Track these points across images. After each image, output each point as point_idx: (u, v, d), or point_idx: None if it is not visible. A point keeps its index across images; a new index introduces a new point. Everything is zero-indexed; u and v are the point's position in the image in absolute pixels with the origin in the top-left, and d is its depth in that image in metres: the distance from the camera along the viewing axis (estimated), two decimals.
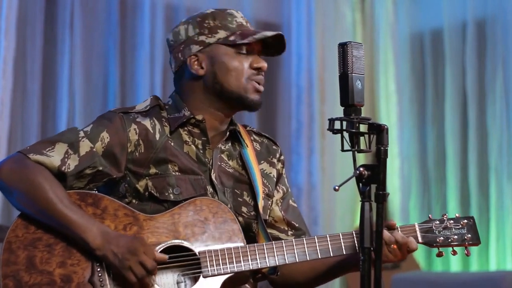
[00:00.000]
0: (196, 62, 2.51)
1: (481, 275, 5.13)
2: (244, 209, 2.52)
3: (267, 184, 2.59)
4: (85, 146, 2.42)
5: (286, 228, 2.61)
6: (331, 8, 5.80)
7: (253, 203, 2.54)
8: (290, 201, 2.64)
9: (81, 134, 2.44)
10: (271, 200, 2.60)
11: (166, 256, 2.34)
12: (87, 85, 4.91)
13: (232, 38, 2.50)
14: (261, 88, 2.52)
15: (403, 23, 5.90)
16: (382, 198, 2.09)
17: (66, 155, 2.40)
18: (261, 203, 2.53)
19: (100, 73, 4.99)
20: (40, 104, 4.76)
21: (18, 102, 4.66)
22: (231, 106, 2.53)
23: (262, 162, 2.62)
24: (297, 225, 2.61)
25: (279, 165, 2.65)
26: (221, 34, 2.50)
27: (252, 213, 2.53)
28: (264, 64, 2.50)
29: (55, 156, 2.39)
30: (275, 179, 2.63)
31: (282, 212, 2.61)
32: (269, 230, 2.54)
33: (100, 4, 4.99)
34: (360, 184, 2.12)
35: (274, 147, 2.68)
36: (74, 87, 4.86)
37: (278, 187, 2.63)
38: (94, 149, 2.42)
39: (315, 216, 5.47)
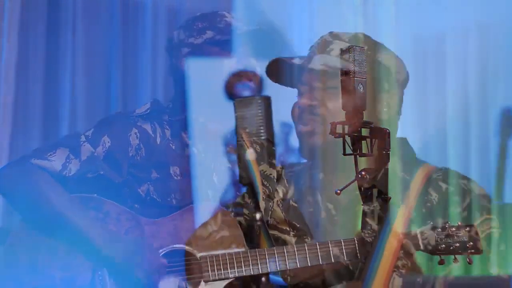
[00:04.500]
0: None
1: (483, 279, 5.10)
2: (245, 211, 2.52)
3: (267, 185, 2.59)
4: (86, 150, 2.42)
5: (288, 229, 2.61)
6: (333, 12, 5.80)
7: (254, 205, 2.54)
8: (291, 201, 2.65)
9: (82, 138, 2.45)
10: (272, 202, 2.60)
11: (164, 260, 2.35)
12: (89, 89, 4.91)
13: (217, 37, 2.49)
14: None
15: (405, 27, 5.88)
16: (384, 202, 2.09)
17: (68, 160, 2.41)
18: (262, 205, 2.54)
19: (102, 77, 4.99)
20: (42, 108, 4.76)
21: (20, 105, 4.66)
22: None
23: (262, 163, 2.63)
24: (298, 225, 2.62)
25: (279, 166, 2.66)
26: (209, 34, 2.51)
27: (254, 215, 2.53)
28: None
29: (56, 161, 2.39)
30: (275, 180, 2.63)
31: (283, 213, 2.62)
32: (271, 231, 2.55)
33: (102, 8, 4.99)
34: (362, 188, 2.12)
35: (273, 147, 2.68)
36: (76, 91, 4.86)
37: (278, 187, 2.64)
38: (95, 154, 2.43)
39: (316, 220, 5.46)
